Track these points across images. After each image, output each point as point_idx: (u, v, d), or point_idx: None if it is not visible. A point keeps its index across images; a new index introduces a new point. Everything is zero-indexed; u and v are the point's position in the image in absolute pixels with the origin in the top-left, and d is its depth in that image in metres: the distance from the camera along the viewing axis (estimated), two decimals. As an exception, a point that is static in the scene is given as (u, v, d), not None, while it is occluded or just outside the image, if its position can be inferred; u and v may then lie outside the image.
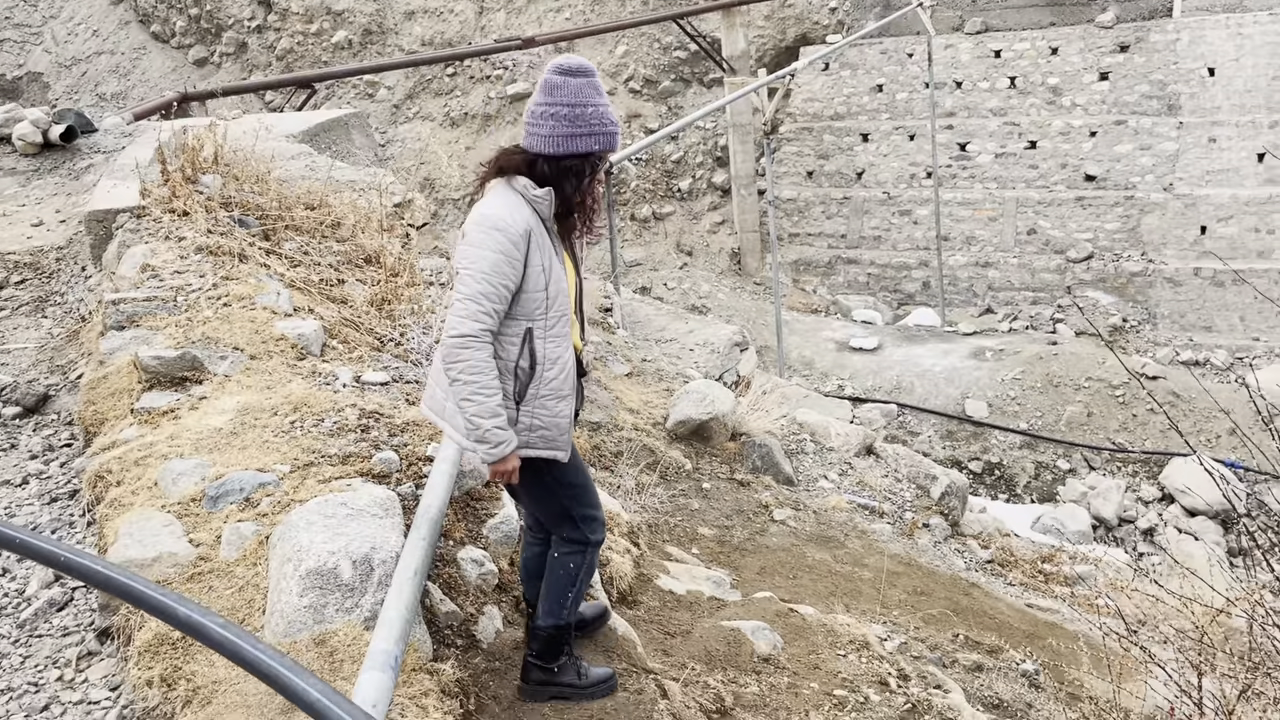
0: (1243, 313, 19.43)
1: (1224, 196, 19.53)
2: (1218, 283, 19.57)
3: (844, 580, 6.13)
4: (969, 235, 21.47)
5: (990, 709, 5.31)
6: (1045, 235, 20.96)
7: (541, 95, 2.83)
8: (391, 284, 5.59)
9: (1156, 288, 19.88)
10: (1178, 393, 16.59)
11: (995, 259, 21.21)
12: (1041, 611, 6.27)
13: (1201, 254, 19.96)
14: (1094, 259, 20.54)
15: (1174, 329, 19.67)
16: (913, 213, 22.02)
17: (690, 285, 20.59)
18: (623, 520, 4.69)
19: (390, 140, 23.88)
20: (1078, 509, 15.25)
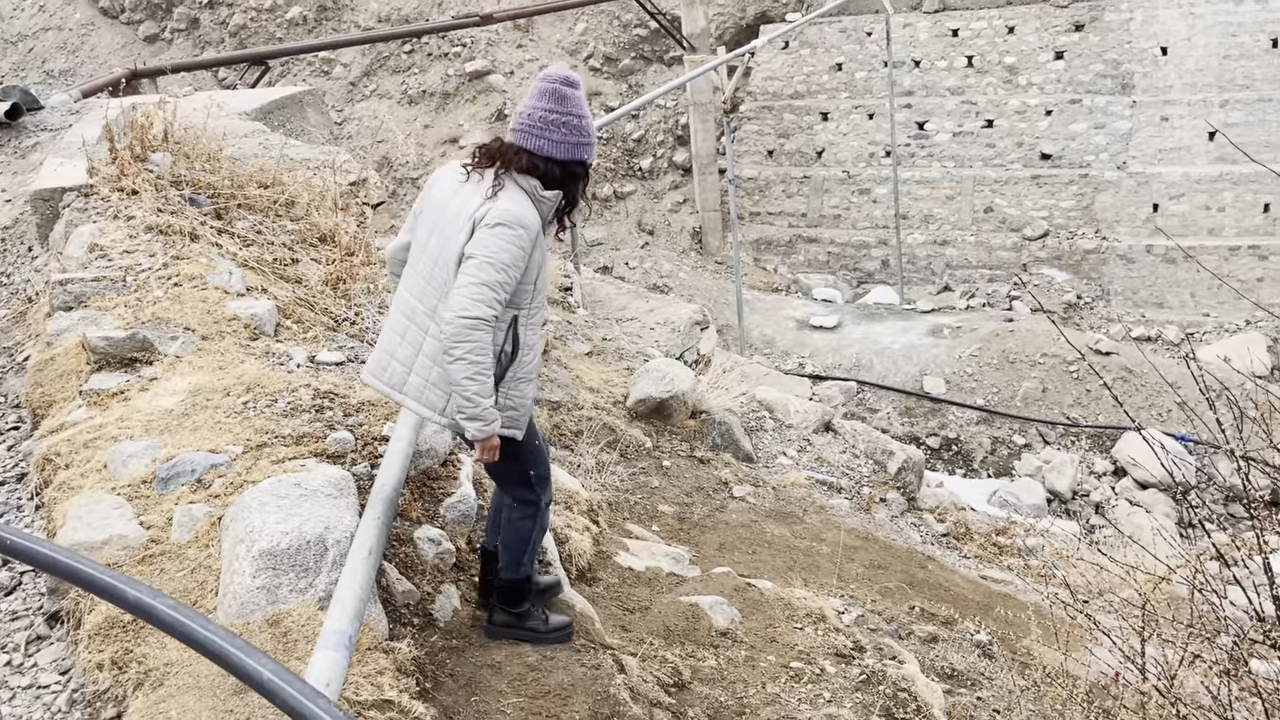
0: (1193, 289, 19.78)
1: (1176, 175, 19.83)
2: (1169, 260, 19.89)
3: (802, 555, 6.20)
4: (927, 214, 21.64)
5: (945, 679, 5.40)
6: (1002, 213, 21.18)
7: (550, 102, 2.98)
8: (346, 263, 5.53)
9: (1110, 265, 20.17)
10: (1130, 368, 16.89)
11: (953, 237, 21.41)
12: (995, 583, 6.38)
13: (1153, 231, 20.27)
14: (1049, 237, 20.78)
15: (1127, 305, 19.99)
16: (872, 191, 22.14)
17: (652, 264, 20.58)
18: (582, 498, 4.70)
19: (347, 118, 23.58)
20: (1033, 483, 15.50)
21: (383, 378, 3.13)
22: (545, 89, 3.00)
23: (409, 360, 3.05)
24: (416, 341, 3.05)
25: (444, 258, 2.98)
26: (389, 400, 3.90)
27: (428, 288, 3.03)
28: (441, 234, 3.01)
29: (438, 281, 3.00)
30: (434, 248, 3.03)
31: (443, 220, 3.02)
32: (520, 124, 3.02)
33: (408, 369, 3.06)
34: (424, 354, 3.04)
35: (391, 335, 3.11)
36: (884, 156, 21.73)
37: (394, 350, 3.09)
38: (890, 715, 3.65)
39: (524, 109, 3.01)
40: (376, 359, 3.16)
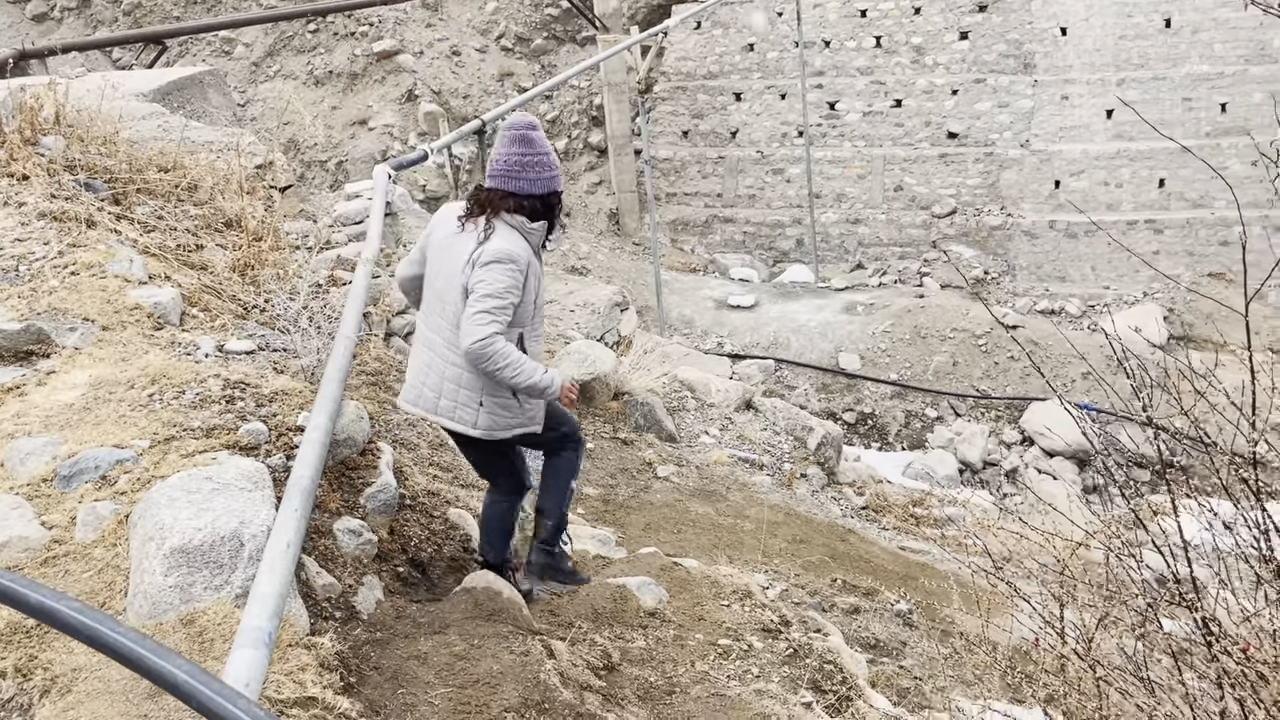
0: (1094, 263, 20.44)
1: (1076, 152, 20.43)
2: (1071, 235, 20.51)
3: (727, 532, 6.24)
4: (839, 193, 21.93)
5: (867, 649, 5.51)
6: (911, 192, 21.57)
7: (520, 147, 3.47)
8: (254, 249, 5.36)
9: (1015, 240, 20.72)
10: (1036, 340, 17.40)
11: (865, 215, 21.74)
12: (913, 553, 6.52)
13: (1056, 207, 20.89)
14: (957, 214, 21.25)
15: (1031, 279, 20.57)
16: (785, 171, 22.34)
17: (569, 246, 20.46)
18: (505, 483, 4.64)
19: (250, 100, 22.87)
20: (945, 454, 15.90)
21: (418, 404, 3.61)
22: (513, 136, 3.47)
23: (437, 387, 3.53)
24: (440, 370, 3.54)
25: (450, 295, 3.47)
26: (300, 391, 3.81)
27: (441, 323, 3.52)
28: (446, 276, 3.49)
29: (449, 316, 3.49)
30: (439, 287, 3.52)
31: (445, 264, 3.50)
32: (498, 170, 3.48)
33: (437, 394, 3.54)
34: (447, 380, 3.52)
35: (419, 367, 3.61)
36: (797, 136, 21.93)
37: (423, 380, 3.58)
38: (817, 687, 3.69)
39: (498, 156, 3.48)
40: (410, 389, 3.64)
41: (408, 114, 22.14)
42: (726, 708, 3.27)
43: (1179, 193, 20.43)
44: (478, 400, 3.49)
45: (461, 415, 3.51)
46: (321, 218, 6.97)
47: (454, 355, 3.48)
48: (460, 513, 4.00)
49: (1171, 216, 20.20)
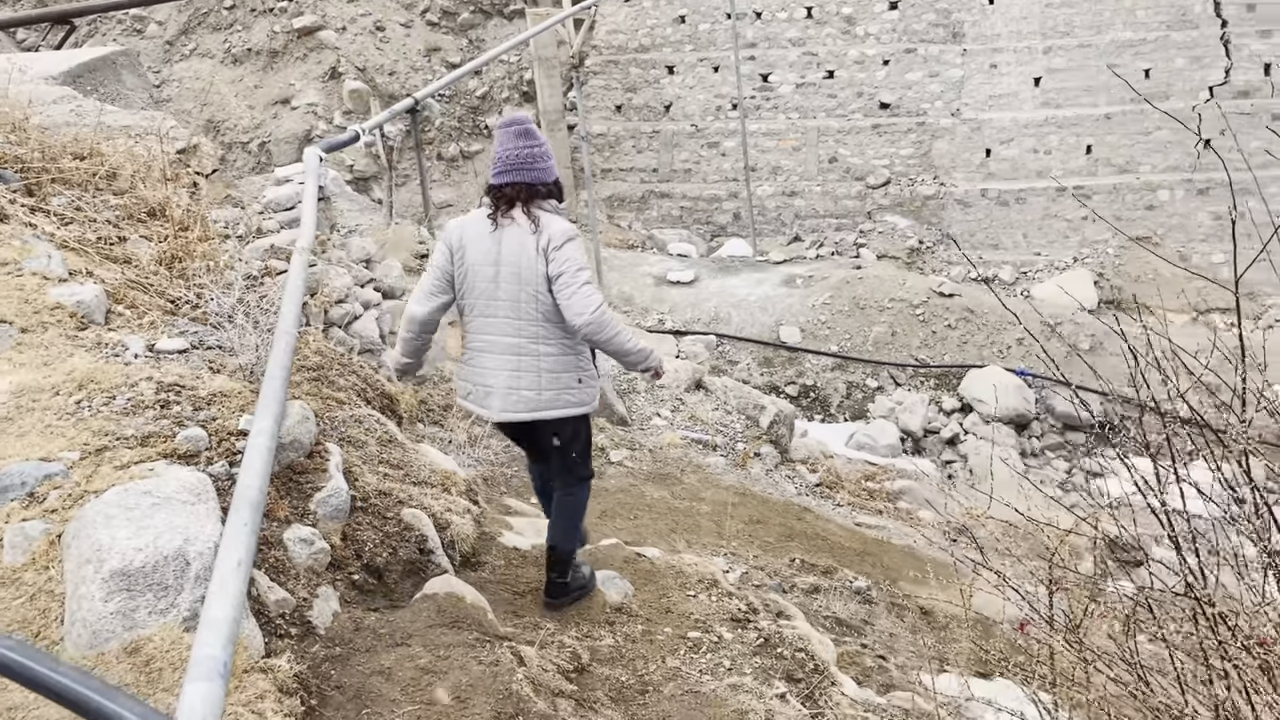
0: (1025, 230, 20.74)
1: (1005, 120, 20.66)
2: (1002, 202, 20.78)
3: (683, 516, 6.15)
4: (775, 165, 21.91)
5: (830, 629, 5.47)
6: (846, 163, 21.64)
7: (526, 140, 3.64)
8: (181, 239, 5.08)
9: (948, 210, 20.92)
10: (971, 308, 17.61)
11: (800, 188, 21.76)
12: (869, 529, 6.51)
13: (987, 176, 21.14)
14: (891, 184, 21.38)
15: (965, 248, 20.79)
16: (720, 145, 22.25)
17: (503, 225, 20.16)
18: (459, 479, 4.48)
19: (166, 80, 22.06)
20: (887, 424, 16.04)
21: (519, 410, 3.67)
22: (517, 131, 3.66)
23: (535, 385, 3.62)
24: (534, 368, 3.62)
25: (526, 294, 3.56)
26: (239, 391, 3.61)
27: (521, 323, 3.59)
28: (514, 278, 3.56)
29: (529, 315, 3.58)
30: (509, 292, 3.58)
31: (505, 269, 3.57)
32: (511, 164, 3.61)
33: (537, 392, 3.63)
34: (546, 371, 3.63)
35: (504, 377, 3.64)
36: (730, 109, 21.83)
37: (516, 386, 3.63)
38: (790, 677, 3.62)
39: (507, 152, 3.62)
40: (502, 401, 3.67)
41: (332, 92, 21.56)
42: (702, 705, 3.17)
43: (1106, 159, 20.79)
44: (576, 379, 3.68)
45: (566, 399, 3.66)
46: (250, 204, 6.67)
47: (547, 347, 3.60)
48: (414, 513, 3.84)
49: (1099, 182, 20.56)
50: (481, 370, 3.70)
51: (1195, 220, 20.36)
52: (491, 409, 3.70)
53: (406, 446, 4.48)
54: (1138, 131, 20.54)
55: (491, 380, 3.67)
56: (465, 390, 3.81)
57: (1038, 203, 20.69)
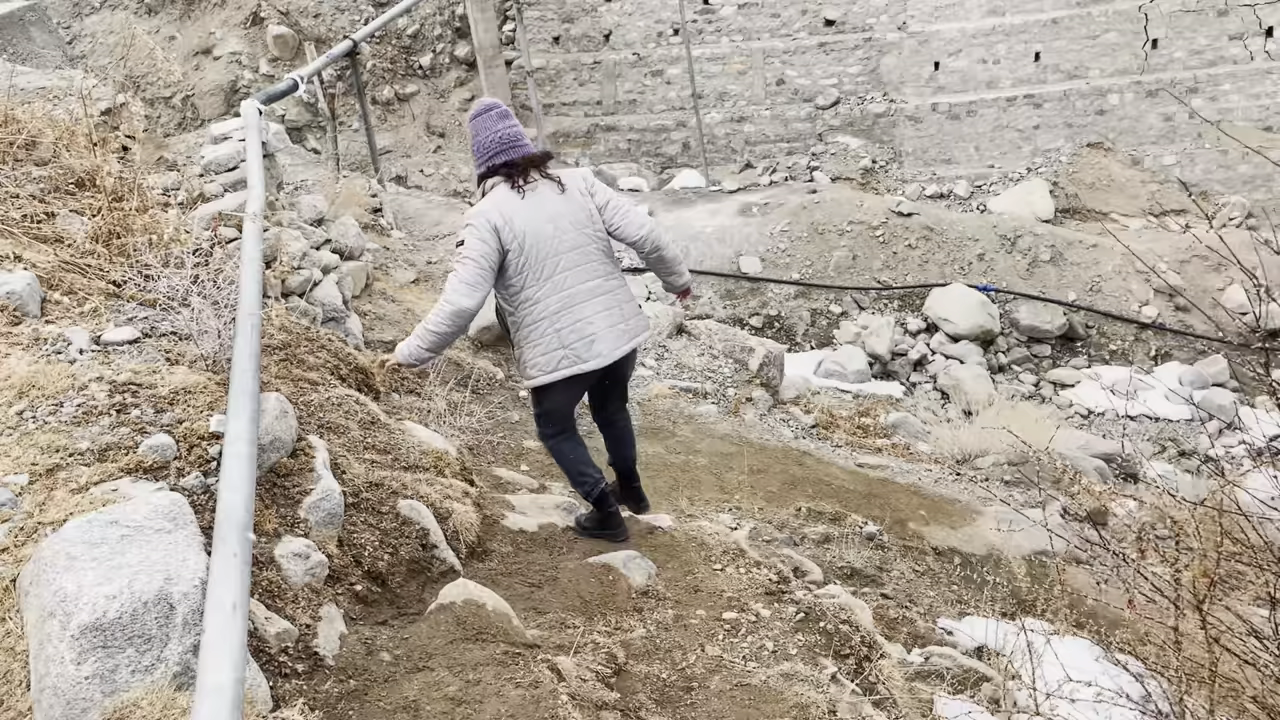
0: (977, 143, 20.50)
1: (953, 31, 20.26)
2: (953, 116, 20.48)
3: (681, 472, 5.85)
4: (721, 91, 21.36)
5: (846, 579, 5.23)
6: (793, 85, 21.16)
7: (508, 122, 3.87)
8: (117, 212, 4.58)
9: (899, 127, 20.58)
10: (931, 227, 17.41)
11: (749, 113, 21.26)
12: (872, 470, 6.27)
13: (937, 90, 20.79)
14: (840, 104, 20.96)
15: (918, 165, 20.53)
16: (664, 73, 21.60)
17: (449, 169, 19.46)
18: (451, 458, 4.11)
19: (78, 36, 20.80)
20: (854, 350, 15.87)
21: (624, 342, 3.87)
22: (497, 114, 3.87)
23: (623, 316, 3.86)
24: (617, 302, 3.85)
25: (586, 235, 3.77)
26: (205, 386, 3.20)
27: (593, 265, 3.78)
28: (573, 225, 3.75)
29: (596, 257, 3.80)
30: (573, 240, 3.74)
31: (561, 221, 3.73)
32: (508, 143, 3.78)
33: (626, 321, 3.87)
34: (625, 303, 3.90)
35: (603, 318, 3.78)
36: (673, 35, 21.17)
37: (614, 322, 3.81)
38: (837, 652, 3.35)
39: (497, 133, 3.79)
40: (609, 341, 3.79)
41: (255, 39, 20.51)
42: (756, 701, 2.88)
43: (1054, 65, 20.53)
44: (638, 304, 3.98)
45: (643, 323, 3.98)
46: (186, 166, 6.13)
47: (616, 280, 3.87)
48: (412, 504, 3.47)
49: (1049, 89, 20.32)
50: (575, 324, 3.74)
51: (1146, 123, 20.27)
52: (601, 355, 3.79)
53: (391, 427, 4.10)
54: (1085, 35, 20.28)
55: (592, 328, 3.77)
56: (553, 360, 3.76)
57: (989, 114, 20.42)
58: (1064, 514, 6.42)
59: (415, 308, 6.42)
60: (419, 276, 6.98)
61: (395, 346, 6.24)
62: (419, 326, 3.77)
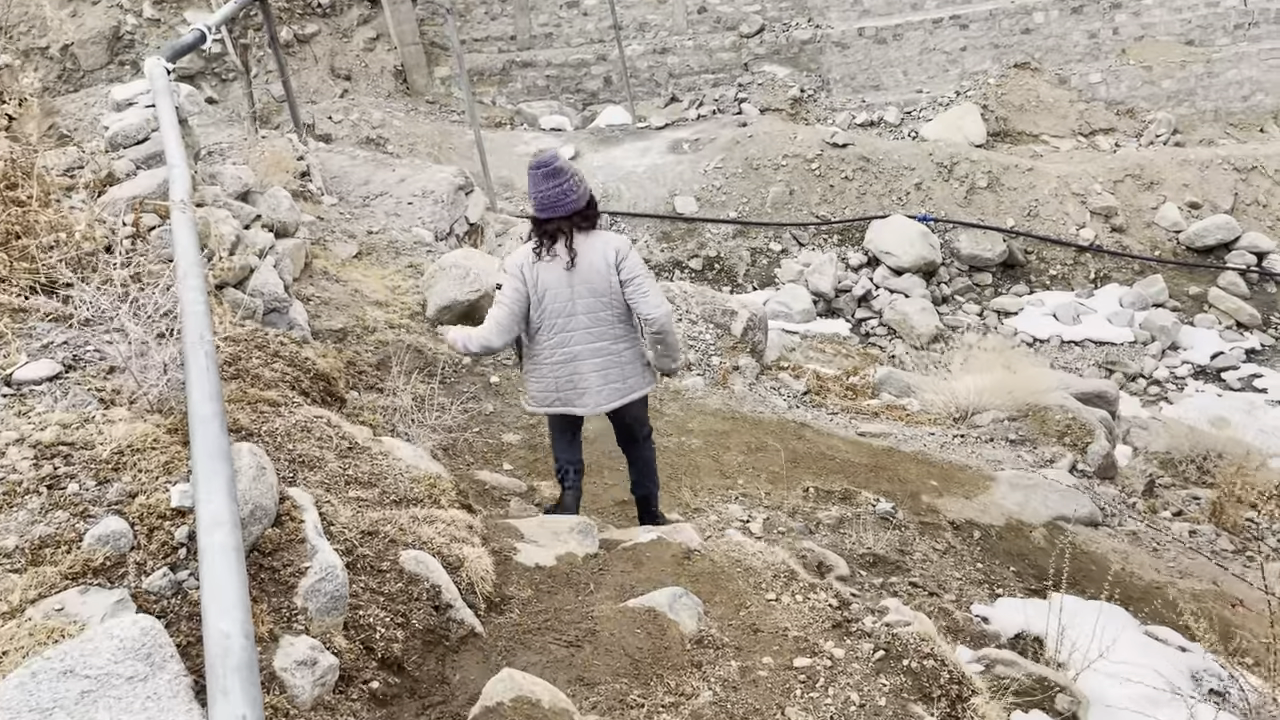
0: (905, 67, 20.10)
1: (876, -49, 19.72)
2: (880, 40, 20.02)
3: (676, 456, 5.36)
4: (642, 21, 20.51)
5: (869, 567, 4.83)
6: (715, 12, 20.42)
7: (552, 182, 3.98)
8: (15, 207, 3.81)
9: (826, 53, 20.05)
10: (867, 157, 17.03)
11: (671, 44, 20.48)
12: (874, 438, 5.86)
13: (862, 14, 20.29)
14: (765, 31, 20.32)
15: (847, 92, 20.07)
16: (580, 3, 20.65)
17: (359, 114, 18.32)
18: (445, 481, 3.52)
19: (-67, -19, 18.88)
20: (797, 288, 15.51)
21: (613, 400, 4.17)
22: (543, 174, 4.00)
23: (621, 375, 4.15)
24: (619, 362, 4.14)
25: (602, 301, 4.05)
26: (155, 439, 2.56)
27: (604, 329, 4.09)
28: (590, 293, 4.03)
29: (609, 320, 4.08)
30: (586, 304, 4.04)
31: (579, 286, 4.01)
32: (547, 205, 4.00)
33: (624, 380, 4.17)
34: (626, 363, 4.17)
35: (595, 377, 4.12)
36: (588, -38, 20.22)
37: (606, 382, 4.13)
38: (925, 695, 2.91)
39: (539, 193, 4.00)
40: (596, 397, 4.15)
41: (146, -17, 18.91)
42: (867, 783, 2.43)
43: (979, -16, 20.17)
44: (644, 364, 4.23)
45: (643, 382, 4.24)
46: (85, 139, 5.30)
47: (622, 345, 4.13)
48: (415, 556, 2.89)
49: (974, 9, 19.96)
50: (570, 376, 4.13)
51: (1071, 40, 20.08)
52: (586, 405, 4.18)
53: (372, 452, 3.49)
54: (1008, -42, 19.91)
55: (585, 383, 4.14)
56: (547, 398, 4.19)
57: (915, 37, 20.00)
58: (1073, 470, 6.12)
59: (363, 287, 5.74)
60: (361, 250, 6.27)
61: (346, 334, 5.57)
62: (473, 331, 4.20)
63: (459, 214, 8.33)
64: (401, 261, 6.20)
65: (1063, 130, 19.13)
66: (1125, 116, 19.54)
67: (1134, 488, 6.12)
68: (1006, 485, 5.58)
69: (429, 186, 8.24)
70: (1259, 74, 19.68)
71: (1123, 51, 19.96)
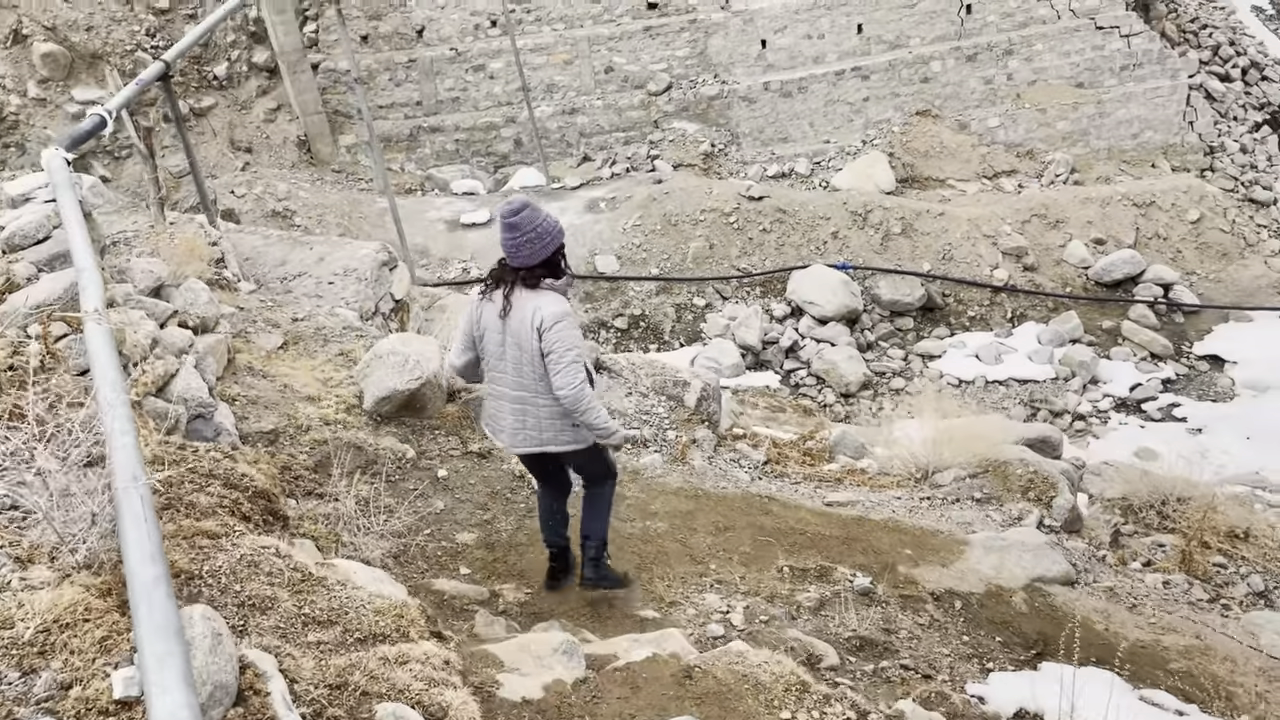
0: (811, 119, 20.43)
1: (776, 8, 20.06)
2: (785, 93, 20.31)
3: (642, 543, 5.07)
4: (549, 83, 20.47)
5: (856, 652, 4.59)
6: (623, 71, 20.50)
7: (512, 233, 4.12)
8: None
9: (734, 108, 20.26)
10: (783, 208, 17.15)
11: (580, 104, 20.46)
12: (841, 507, 5.65)
13: (766, 68, 20.62)
14: (673, 89, 20.46)
15: (757, 145, 20.28)
16: (486, 67, 20.52)
17: (263, 187, 17.78)
18: (412, 609, 3.15)
19: None
20: (725, 343, 15.42)
21: (526, 445, 4.32)
22: (504, 225, 4.15)
23: (537, 427, 4.29)
24: (535, 414, 4.27)
25: (525, 358, 4.19)
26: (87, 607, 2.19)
27: (525, 380, 4.22)
28: (516, 346, 4.19)
29: (530, 376, 4.20)
30: (513, 356, 4.22)
31: (509, 338, 4.20)
32: (507, 252, 4.16)
33: (539, 432, 4.29)
34: (545, 419, 4.27)
35: (511, 419, 4.31)
36: (490, 27, 20.14)
37: (521, 427, 4.29)
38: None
39: (502, 240, 4.16)
40: (510, 438, 4.34)
41: (20, 59, 18.18)
42: None
43: (877, 36, 20.67)
44: (571, 424, 4.25)
45: (563, 438, 4.29)
46: (-24, 238, 4.82)
47: (545, 399, 4.21)
48: (392, 710, 2.53)
49: (874, 61, 20.42)
50: (497, 411, 4.36)
51: (968, 87, 20.67)
52: (504, 442, 4.40)
53: (327, 580, 3.12)
54: (904, 4, 20.46)
55: (503, 421, 4.35)
56: (487, 423, 4.47)
57: (819, 89, 20.37)
58: (1040, 525, 6.00)
59: (293, 381, 5.33)
60: (287, 339, 5.86)
61: (278, 435, 5.15)
62: None
63: (383, 291, 7.97)
64: (331, 349, 5.81)
65: (967, 174, 19.58)
66: (1026, 158, 20.12)
67: (1101, 539, 6.02)
68: (981, 549, 5.42)
69: (350, 264, 7.86)
70: (1146, 112, 20.50)
71: (1018, 96, 20.61)
